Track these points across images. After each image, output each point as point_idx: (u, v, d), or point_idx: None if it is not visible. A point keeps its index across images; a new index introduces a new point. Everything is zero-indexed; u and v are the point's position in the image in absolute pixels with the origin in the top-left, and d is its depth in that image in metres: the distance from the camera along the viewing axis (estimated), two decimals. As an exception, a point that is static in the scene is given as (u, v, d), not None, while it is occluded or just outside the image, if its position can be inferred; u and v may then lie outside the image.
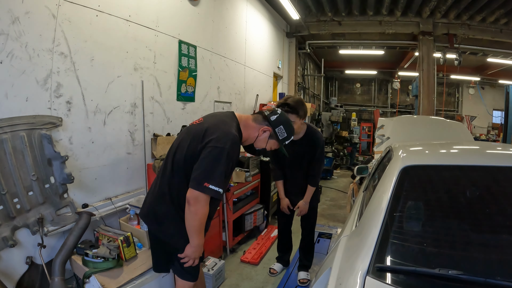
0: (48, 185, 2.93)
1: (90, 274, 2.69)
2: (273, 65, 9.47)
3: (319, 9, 10.00)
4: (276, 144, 2.54)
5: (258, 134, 2.47)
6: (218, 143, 2.19)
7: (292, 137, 2.56)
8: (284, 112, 2.57)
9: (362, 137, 17.81)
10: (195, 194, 2.14)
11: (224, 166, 2.18)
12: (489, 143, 4.05)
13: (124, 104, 3.80)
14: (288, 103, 3.40)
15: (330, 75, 18.90)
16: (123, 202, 3.69)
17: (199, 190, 2.13)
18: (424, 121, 6.71)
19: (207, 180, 2.14)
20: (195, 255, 2.36)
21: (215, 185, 2.14)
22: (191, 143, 2.30)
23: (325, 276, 1.74)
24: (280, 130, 2.47)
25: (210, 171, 2.16)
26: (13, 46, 2.65)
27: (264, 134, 2.46)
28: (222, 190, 2.18)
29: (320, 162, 3.80)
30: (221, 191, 2.17)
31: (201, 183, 2.13)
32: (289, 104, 3.39)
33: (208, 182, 2.13)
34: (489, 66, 14.69)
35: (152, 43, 4.22)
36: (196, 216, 2.20)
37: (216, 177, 2.15)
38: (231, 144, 2.21)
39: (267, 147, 2.53)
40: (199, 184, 2.13)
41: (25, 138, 2.71)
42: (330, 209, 7.30)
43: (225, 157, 2.18)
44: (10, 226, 2.65)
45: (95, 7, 3.36)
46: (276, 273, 4.17)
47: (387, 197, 1.97)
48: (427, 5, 8.91)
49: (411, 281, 1.51)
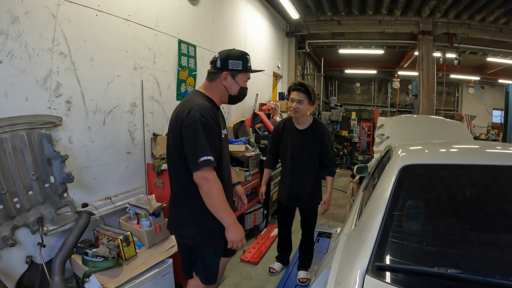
0: (48, 185, 2.93)
1: (90, 273, 2.70)
2: (273, 64, 9.47)
3: (319, 9, 9.99)
4: (245, 75, 2.49)
5: (224, 85, 2.45)
6: (188, 119, 2.20)
7: (249, 56, 2.51)
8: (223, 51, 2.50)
9: (361, 136, 17.83)
10: (198, 175, 2.17)
11: (203, 135, 2.18)
12: (489, 143, 4.07)
13: (123, 103, 3.80)
14: (304, 84, 3.60)
15: (330, 75, 18.86)
16: (122, 202, 3.69)
17: (198, 169, 2.15)
18: (424, 120, 6.71)
19: (197, 157, 2.15)
20: (235, 235, 2.29)
21: (204, 155, 2.15)
22: (173, 135, 2.32)
23: (325, 275, 1.74)
24: (233, 64, 2.42)
25: (194, 147, 2.18)
26: (13, 46, 2.64)
27: (227, 79, 2.43)
28: (211, 157, 2.16)
29: (330, 152, 3.78)
30: (210, 158, 2.15)
31: (195, 162, 2.15)
32: (304, 84, 3.60)
33: (198, 157, 2.15)
34: (489, 66, 14.67)
35: (151, 42, 4.22)
36: (210, 195, 2.20)
37: (201, 149, 2.16)
38: (199, 113, 2.21)
39: (242, 85, 2.49)
40: (195, 164, 2.16)
41: (24, 137, 2.71)
42: (330, 209, 7.23)
43: (200, 127, 2.18)
44: (10, 226, 2.66)
45: (94, 7, 3.36)
46: (276, 272, 4.18)
47: (386, 196, 1.97)
48: (426, 5, 8.90)
49: (410, 280, 1.51)
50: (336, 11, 9.95)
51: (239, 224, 2.32)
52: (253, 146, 5.78)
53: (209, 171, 2.17)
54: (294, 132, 3.79)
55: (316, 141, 3.71)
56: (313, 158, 3.77)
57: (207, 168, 2.16)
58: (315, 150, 3.74)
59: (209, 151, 2.17)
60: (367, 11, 9.71)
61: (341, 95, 19.74)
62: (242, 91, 2.51)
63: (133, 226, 3.36)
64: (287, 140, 3.83)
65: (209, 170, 2.17)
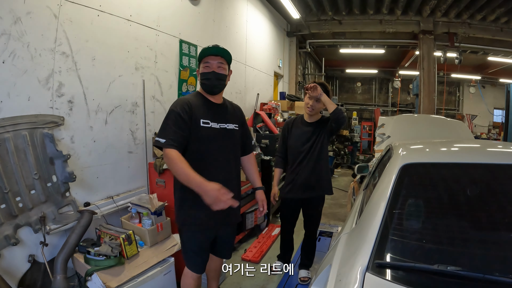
0: (50, 184, 2.94)
1: (92, 272, 2.71)
2: (274, 64, 9.48)
3: (320, 8, 10.00)
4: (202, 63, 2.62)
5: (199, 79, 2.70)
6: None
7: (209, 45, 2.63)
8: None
9: (362, 136, 17.80)
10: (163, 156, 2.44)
11: (167, 121, 2.44)
12: (490, 141, 4.08)
13: (125, 103, 3.82)
14: (324, 84, 3.67)
15: (331, 74, 18.87)
16: (124, 201, 3.70)
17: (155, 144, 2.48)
18: (425, 120, 6.71)
19: (156, 135, 2.48)
20: (209, 197, 2.14)
21: (158, 136, 2.41)
22: None
23: (325, 273, 1.75)
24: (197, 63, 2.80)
25: (161, 126, 2.47)
26: (15, 46, 2.66)
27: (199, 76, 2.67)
28: (162, 139, 2.36)
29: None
30: (161, 140, 2.36)
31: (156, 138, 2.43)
32: (324, 84, 3.66)
33: (157, 135, 2.43)
34: (490, 65, 14.67)
35: (153, 42, 4.24)
36: (171, 166, 2.35)
37: (160, 131, 2.44)
38: (172, 105, 2.52)
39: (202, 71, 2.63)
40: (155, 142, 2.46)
41: (27, 137, 2.73)
42: (331, 208, 7.30)
43: (167, 114, 2.47)
44: (12, 225, 2.67)
45: (96, 7, 3.38)
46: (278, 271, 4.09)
47: (386, 195, 1.98)
48: (427, 4, 8.92)
49: (410, 277, 1.52)
50: (336, 10, 9.96)
51: (208, 183, 2.18)
52: (254, 146, 5.79)
53: (166, 149, 2.35)
54: (303, 124, 3.81)
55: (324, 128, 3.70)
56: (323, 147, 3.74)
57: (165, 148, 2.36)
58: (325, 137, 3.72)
59: (164, 134, 2.39)
60: (368, 11, 9.72)
61: (342, 95, 19.70)
62: (201, 77, 2.62)
63: (135, 225, 3.37)
64: (295, 134, 3.82)
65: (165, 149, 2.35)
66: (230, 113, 2.77)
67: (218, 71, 2.57)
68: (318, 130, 3.70)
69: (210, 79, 2.56)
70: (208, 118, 2.56)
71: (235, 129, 2.75)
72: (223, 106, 2.74)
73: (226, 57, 2.63)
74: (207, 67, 2.56)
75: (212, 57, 2.57)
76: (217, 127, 2.61)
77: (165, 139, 2.34)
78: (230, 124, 2.71)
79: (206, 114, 2.56)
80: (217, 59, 2.58)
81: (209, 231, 2.65)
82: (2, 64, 2.58)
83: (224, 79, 2.63)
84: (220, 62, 2.58)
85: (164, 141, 2.34)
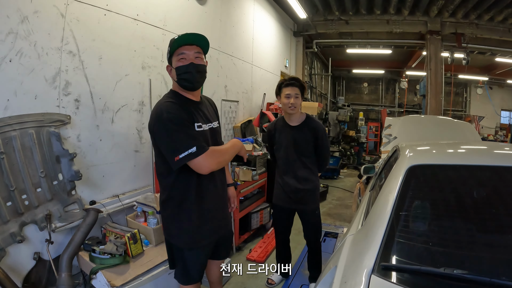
0: (56, 182, 2.96)
1: (97, 270, 2.72)
2: (280, 64, 9.47)
3: (326, 8, 9.98)
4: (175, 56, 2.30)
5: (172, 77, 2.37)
6: (154, 120, 2.16)
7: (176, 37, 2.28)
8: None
9: (369, 136, 17.78)
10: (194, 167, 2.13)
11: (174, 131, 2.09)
12: (497, 143, 4.02)
13: (132, 102, 3.83)
14: (297, 78, 3.55)
15: (338, 74, 18.82)
16: (130, 200, 3.71)
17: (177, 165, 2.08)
18: (432, 121, 6.67)
19: (174, 154, 2.06)
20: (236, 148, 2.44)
21: (184, 150, 2.05)
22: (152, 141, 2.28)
23: (330, 274, 1.74)
24: (167, 56, 2.37)
25: (170, 145, 2.09)
26: (22, 45, 2.68)
27: (171, 72, 2.35)
28: (192, 149, 2.05)
29: (325, 148, 3.59)
30: (191, 150, 2.04)
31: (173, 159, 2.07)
32: (297, 78, 3.55)
33: (176, 154, 2.06)
34: (497, 66, 14.58)
35: (159, 42, 4.24)
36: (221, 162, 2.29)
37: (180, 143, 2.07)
38: (166, 112, 2.11)
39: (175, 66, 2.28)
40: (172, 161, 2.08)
41: (33, 135, 2.74)
42: (336, 209, 7.29)
43: (168, 124, 2.09)
44: (18, 222, 2.69)
45: (103, 6, 3.39)
46: (274, 284, 3.91)
47: (393, 196, 1.96)
48: (434, 4, 8.87)
49: (416, 280, 1.51)
50: (343, 10, 9.93)
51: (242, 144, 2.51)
52: (260, 146, 5.80)
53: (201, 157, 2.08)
54: (287, 129, 3.59)
55: (311, 136, 3.51)
56: (309, 154, 3.55)
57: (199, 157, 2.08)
58: (310, 146, 3.53)
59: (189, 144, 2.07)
60: (375, 11, 9.68)
61: (348, 95, 19.67)
62: (178, 71, 2.27)
63: (140, 224, 3.38)
64: (280, 139, 3.62)
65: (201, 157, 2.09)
66: (209, 110, 2.54)
67: (197, 62, 2.28)
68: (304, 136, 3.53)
69: (190, 72, 2.25)
70: (199, 121, 2.29)
71: (218, 127, 2.56)
72: (203, 103, 2.49)
73: (203, 46, 2.37)
74: (182, 59, 2.26)
75: (187, 46, 2.27)
76: (207, 128, 2.37)
77: (195, 146, 2.06)
78: (215, 123, 2.51)
79: (195, 116, 2.28)
80: (193, 48, 2.29)
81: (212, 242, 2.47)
82: (9, 62, 2.59)
83: (205, 70, 2.38)
84: (197, 51, 2.30)
85: (195, 149, 2.05)
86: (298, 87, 3.46)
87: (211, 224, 2.36)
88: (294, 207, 3.68)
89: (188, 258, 2.40)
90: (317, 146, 3.55)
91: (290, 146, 3.55)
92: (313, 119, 3.63)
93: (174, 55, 2.29)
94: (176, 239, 2.37)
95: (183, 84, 2.30)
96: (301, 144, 3.53)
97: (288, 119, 3.61)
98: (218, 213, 2.49)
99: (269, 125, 3.92)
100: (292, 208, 3.70)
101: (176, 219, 2.30)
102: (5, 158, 2.57)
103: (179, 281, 2.50)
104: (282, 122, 3.67)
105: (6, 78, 2.58)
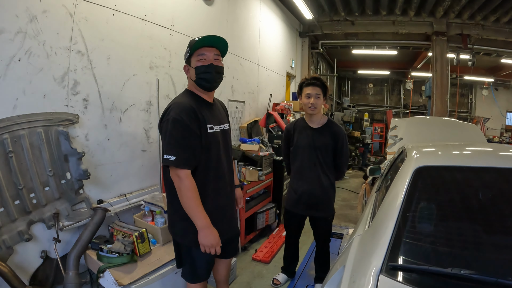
0: (64, 181, 2.98)
1: (105, 269, 2.73)
2: (286, 64, 9.48)
3: (332, 9, 9.97)
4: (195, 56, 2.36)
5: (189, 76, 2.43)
6: (164, 116, 2.27)
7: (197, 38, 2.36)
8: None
9: (374, 137, 17.71)
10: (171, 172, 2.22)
11: (174, 133, 2.16)
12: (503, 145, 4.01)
13: (139, 102, 3.85)
14: (319, 77, 3.45)
15: (343, 75, 18.77)
16: (137, 199, 3.73)
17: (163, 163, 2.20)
18: (437, 122, 6.65)
19: (164, 152, 2.18)
20: (206, 240, 2.21)
21: (166, 153, 2.15)
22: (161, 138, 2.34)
23: (338, 274, 1.75)
24: (185, 56, 2.44)
25: (165, 144, 2.20)
26: (31, 44, 2.70)
27: (188, 70, 2.42)
28: (171, 157, 2.13)
29: (344, 155, 3.51)
30: (170, 157, 2.13)
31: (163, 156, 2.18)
32: (319, 78, 3.45)
33: (164, 153, 2.17)
34: (503, 67, 14.49)
35: (167, 42, 4.27)
36: (180, 192, 2.19)
37: (168, 147, 2.16)
38: (174, 112, 2.19)
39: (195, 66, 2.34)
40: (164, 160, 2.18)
41: (42, 134, 2.77)
42: (342, 209, 7.28)
43: (171, 125, 2.16)
44: (26, 221, 2.71)
45: (111, 6, 3.41)
46: (280, 284, 3.89)
47: (400, 197, 1.98)
48: (440, 5, 8.83)
49: (424, 279, 1.52)
50: (349, 11, 9.92)
51: (212, 229, 2.24)
52: (266, 146, 5.82)
53: (173, 168, 2.18)
54: (307, 131, 3.51)
55: (331, 141, 3.43)
56: (327, 159, 3.47)
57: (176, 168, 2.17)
58: (329, 150, 3.45)
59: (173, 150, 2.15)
60: (381, 12, 9.66)
61: (353, 96, 19.62)
62: (198, 71, 2.33)
63: (147, 223, 3.39)
64: (299, 140, 3.54)
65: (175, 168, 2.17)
66: (221, 111, 2.61)
67: (216, 64, 2.36)
68: (324, 139, 3.46)
69: (209, 72, 2.33)
70: (212, 122, 2.36)
71: (229, 129, 2.63)
72: (216, 105, 2.55)
73: (222, 49, 2.45)
74: (202, 59, 2.33)
75: (207, 48, 2.36)
76: (218, 130, 2.43)
77: (175, 156, 2.13)
78: (226, 125, 2.57)
79: (208, 117, 2.35)
80: (213, 50, 2.38)
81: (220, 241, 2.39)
82: (18, 62, 2.61)
83: (223, 72, 2.44)
84: (216, 54, 2.39)
85: (173, 158, 2.13)
86: (319, 87, 3.40)
87: (219, 223, 2.37)
88: (307, 213, 3.64)
89: (196, 256, 2.43)
90: (336, 151, 3.48)
91: (308, 149, 3.49)
92: (335, 123, 3.56)
93: (194, 55, 2.36)
94: (184, 238, 2.40)
95: (202, 83, 2.37)
96: (320, 147, 3.45)
97: (309, 120, 3.55)
98: (226, 213, 2.52)
99: (288, 125, 3.83)
100: (305, 215, 3.67)
101: (184, 218, 2.29)
102: (13, 156, 2.60)
103: (187, 279, 2.54)
104: (302, 122, 3.62)
105: (15, 77, 2.60)
